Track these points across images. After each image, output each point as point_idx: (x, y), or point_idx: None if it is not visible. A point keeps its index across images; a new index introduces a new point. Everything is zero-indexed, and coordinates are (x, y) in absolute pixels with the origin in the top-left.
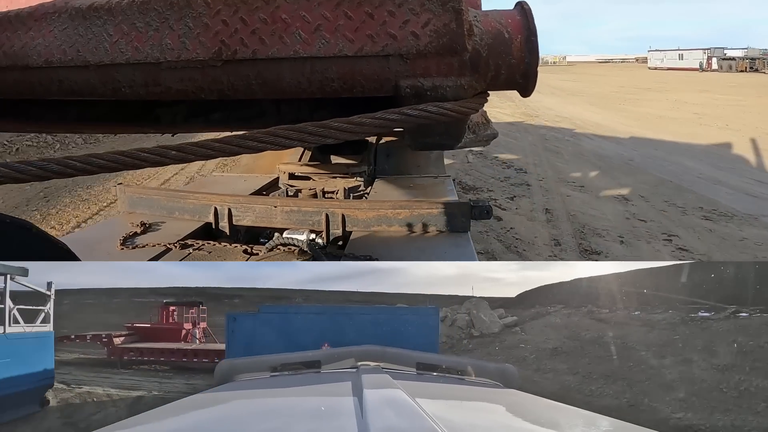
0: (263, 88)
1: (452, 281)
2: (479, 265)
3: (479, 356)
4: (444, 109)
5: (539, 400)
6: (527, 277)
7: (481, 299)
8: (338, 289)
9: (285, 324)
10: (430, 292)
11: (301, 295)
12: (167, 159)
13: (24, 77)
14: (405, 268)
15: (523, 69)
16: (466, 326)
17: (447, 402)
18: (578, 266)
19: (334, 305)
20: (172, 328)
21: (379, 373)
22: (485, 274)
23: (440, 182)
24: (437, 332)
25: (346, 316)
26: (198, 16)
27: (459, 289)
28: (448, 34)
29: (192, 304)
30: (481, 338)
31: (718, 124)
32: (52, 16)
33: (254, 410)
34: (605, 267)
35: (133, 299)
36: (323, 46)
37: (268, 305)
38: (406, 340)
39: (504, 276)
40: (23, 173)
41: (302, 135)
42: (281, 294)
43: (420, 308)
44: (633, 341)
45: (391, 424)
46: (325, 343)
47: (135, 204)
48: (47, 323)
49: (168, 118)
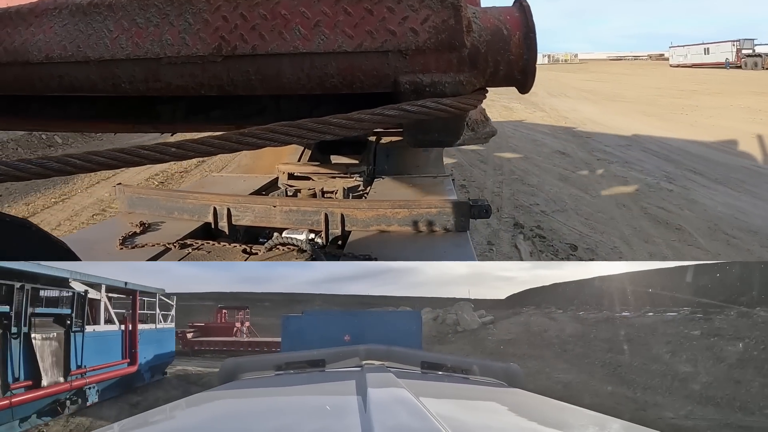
0: (263, 84)
1: (464, 280)
2: (489, 264)
3: (460, 346)
4: (443, 105)
5: (544, 400)
6: (526, 277)
7: (466, 301)
8: (341, 288)
9: (324, 324)
10: (435, 293)
11: (301, 295)
12: (167, 156)
13: (24, 73)
14: (417, 268)
15: (521, 65)
16: (452, 324)
17: (451, 401)
18: (591, 266)
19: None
20: (226, 326)
21: (384, 372)
22: (497, 272)
23: (439, 182)
24: (420, 335)
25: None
26: (198, 11)
27: (460, 290)
28: (446, 30)
29: (240, 308)
30: (462, 334)
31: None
32: (52, 12)
33: (259, 409)
34: (617, 267)
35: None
36: (323, 42)
37: (311, 310)
38: (390, 343)
39: (514, 275)
40: (23, 171)
41: (301, 131)
42: (282, 293)
43: (403, 312)
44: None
45: (395, 423)
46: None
47: (134, 204)
48: (172, 322)
49: (168, 114)
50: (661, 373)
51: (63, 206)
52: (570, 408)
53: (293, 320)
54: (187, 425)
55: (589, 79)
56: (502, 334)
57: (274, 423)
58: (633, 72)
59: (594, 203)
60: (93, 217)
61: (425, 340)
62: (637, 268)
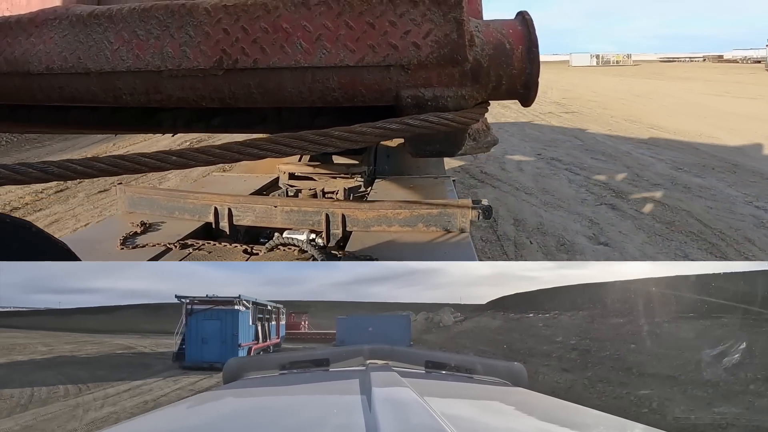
0: (264, 97)
1: (486, 281)
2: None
3: (438, 335)
4: (445, 119)
5: (548, 399)
6: (551, 276)
7: (446, 306)
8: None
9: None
10: (459, 293)
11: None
12: (167, 164)
13: (25, 83)
14: (441, 269)
15: (524, 79)
16: (437, 322)
17: (456, 400)
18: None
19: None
20: (295, 323)
21: (388, 371)
22: (520, 273)
23: (440, 182)
24: (408, 336)
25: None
26: (199, 24)
27: (482, 291)
28: (449, 44)
29: (303, 312)
30: (439, 328)
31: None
32: (53, 22)
33: (263, 408)
34: (641, 268)
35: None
36: (324, 56)
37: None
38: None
39: (539, 275)
40: (23, 175)
41: (303, 143)
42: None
43: (394, 315)
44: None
45: (399, 422)
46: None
47: (135, 204)
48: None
49: (169, 122)
50: (665, 372)
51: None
52: (574, 407)
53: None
54: (191, 424)
55: (680, 100)
56: (465, 329)
57: (279, 422)
58: (728, 79)
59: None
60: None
61: (420, 332)
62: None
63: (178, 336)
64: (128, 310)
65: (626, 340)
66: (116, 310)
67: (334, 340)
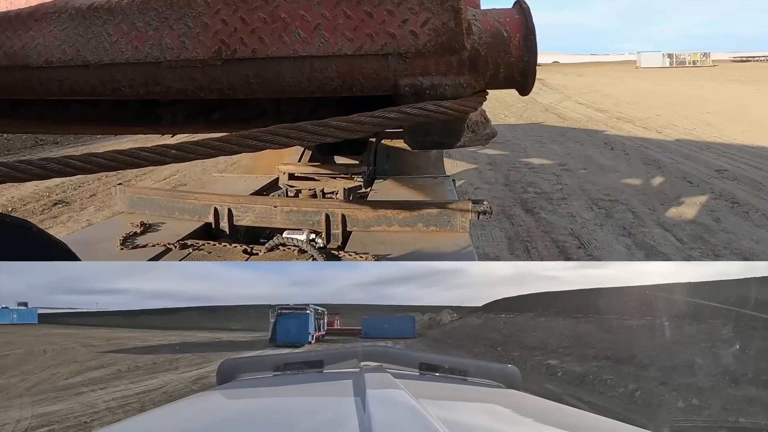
0: (263, 87)
1: (508, 281)
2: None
3: (437, 332)
4: (443, 107)
5: (542, 402)
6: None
7: (446, 308)
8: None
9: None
10: (480, 292)
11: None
12: (167, 158)
13: (24, 77)
14: (463, 269)
15: (521, 67)
16: (438, 320)
17: (450, 402)
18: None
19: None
20: (331, 320)
21: (382, 373)
22: (544, 272)
23: (440, 182)
24: (413, 332)
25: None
26: (198, 15)
27: (470, 291)
28: (446, 32)
29: (336, 312)
30: (438, 325)
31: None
32: (52, 15)
33: (256, 409)
34: (659, 268)
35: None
36: (322, 45)
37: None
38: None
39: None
40: (23, 172)
41: (302, 134)
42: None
43: (400, 316)
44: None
45: (393, 424)
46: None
47: (135, 204)
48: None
49: (168, 117)
50: (658, 375)
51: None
52: (568, 410)
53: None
54: (183, 425)
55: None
56: (458, 327)
57: (272, 423)
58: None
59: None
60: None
61: (424, 327)
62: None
63: (270, 328)
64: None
65: (619, 342)
66: (179, 312)
67: (360, 334)
